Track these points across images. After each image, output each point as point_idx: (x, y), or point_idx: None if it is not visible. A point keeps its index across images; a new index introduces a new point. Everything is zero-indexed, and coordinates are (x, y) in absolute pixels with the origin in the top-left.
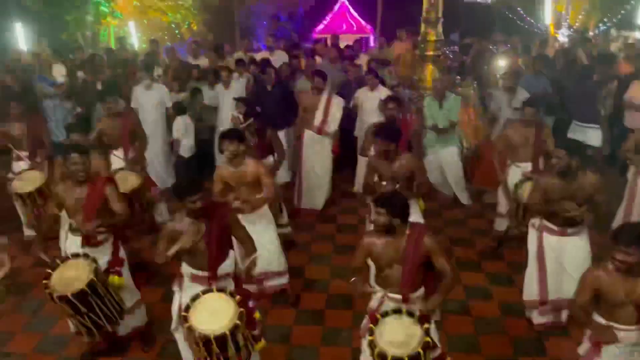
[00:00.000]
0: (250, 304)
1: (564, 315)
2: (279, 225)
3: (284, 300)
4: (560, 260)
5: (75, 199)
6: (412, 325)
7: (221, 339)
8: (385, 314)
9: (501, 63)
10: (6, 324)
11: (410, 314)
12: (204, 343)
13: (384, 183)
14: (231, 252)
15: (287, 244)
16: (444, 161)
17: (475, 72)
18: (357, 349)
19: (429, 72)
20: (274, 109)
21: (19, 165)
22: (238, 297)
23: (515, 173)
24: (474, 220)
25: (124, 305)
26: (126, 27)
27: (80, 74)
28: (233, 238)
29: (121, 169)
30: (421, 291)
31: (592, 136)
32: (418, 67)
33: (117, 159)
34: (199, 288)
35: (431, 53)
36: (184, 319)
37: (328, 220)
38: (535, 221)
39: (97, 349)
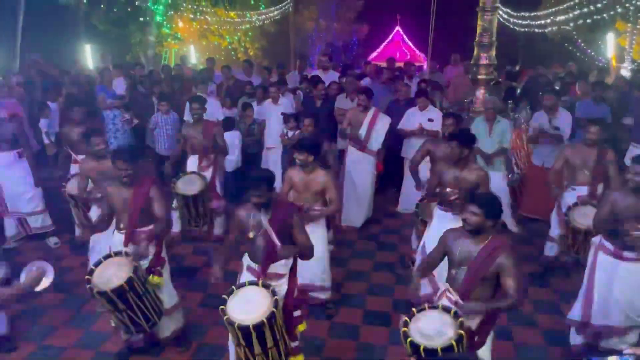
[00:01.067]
0: (296, 313)
1: (604, 343)
2: None
3: (320, 311)
4: (610, 285)
5: (122, 199)
6: (447, 319)
7: (259, 328)
8: (422, 309)
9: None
10: (50, 318)
11: (447, 310)
12: (242, 334)
13: (448, 190)
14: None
15: None
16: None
17: (528, 98)
18: None
19: (481, 95)
20: (320, 125)
21: (75, 168)
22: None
23: (570, 196)
24: (521, 247)
25: (162, 307)
26: (186, 48)
27: (139, 88)
28: None
29: (193, 172)
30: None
31: None
32: (470, 90)
33: (192, 163)
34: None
35: (483, 77)
36: (221, 312)
37: (369, 238)
38: (596, 239)
39: (133, 348)
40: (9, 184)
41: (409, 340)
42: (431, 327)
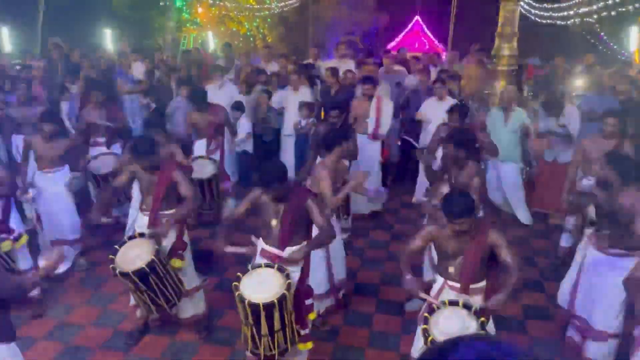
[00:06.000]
0: (308, 302)
1: (588, 348)
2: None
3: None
4: (593, 282)
5: (147, 181)
6: (468, 317)
7: (269, 308)
8: (442, 305)
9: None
10: (70, 297)
11: (468, 306)
12: (252, 312)
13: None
14: (304, 243)
15: None
16: (504, 177)
17: (547, 90)
18: (405, 355)
19: (501, 86)
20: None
21: (95, 150)
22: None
23: (586, 187)
24: (537, 241)
25: (182, 288)
26: (204, 34)
27: (157, 73)
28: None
29: (201, 157)
30: (482, 284)
31: None
32: (489, 81)
33: (199, 148)
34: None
35: (504, 68)
36: (234, 288)
37: (384, 228)
38: (589, 230)
39: (148, 327)
40: None
41: (429, 338)
42: (452, 325)
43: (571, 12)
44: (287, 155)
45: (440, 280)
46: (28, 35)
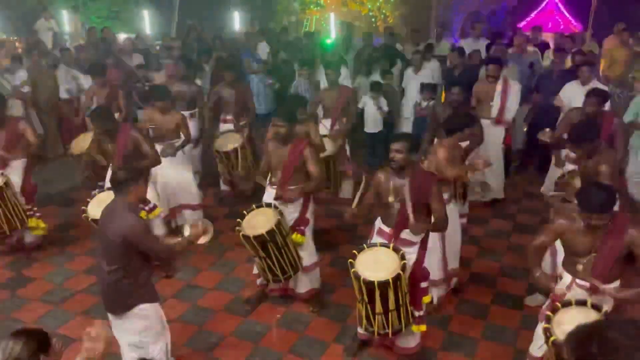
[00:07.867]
0: (423, 284)
1: None
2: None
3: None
4: None
5: (278, 156)
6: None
7: (384, 287)
8: (567, 304)
9: None
10: (197, 260)
11: (596, 307)
12: (367, 290)
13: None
14: None
15: None
16: None
17: None
18: (521, 351)
19: None
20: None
21: (224, 127)
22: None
23: None
24: None
25: (300, 263)
26: (327, 15)
27: (281, 53)
28: None
29: (325, 135)
30: (616, 284)
31: None
32: (634, 64)
33: (322, 127)
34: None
35: None
36: (349, 264)
37: (505, 217)
38: None
39: (266, 296)
40: None
41: (551, 339)
42: None
43: None
44: None
45: (567, 278)
46: (165, 17)
